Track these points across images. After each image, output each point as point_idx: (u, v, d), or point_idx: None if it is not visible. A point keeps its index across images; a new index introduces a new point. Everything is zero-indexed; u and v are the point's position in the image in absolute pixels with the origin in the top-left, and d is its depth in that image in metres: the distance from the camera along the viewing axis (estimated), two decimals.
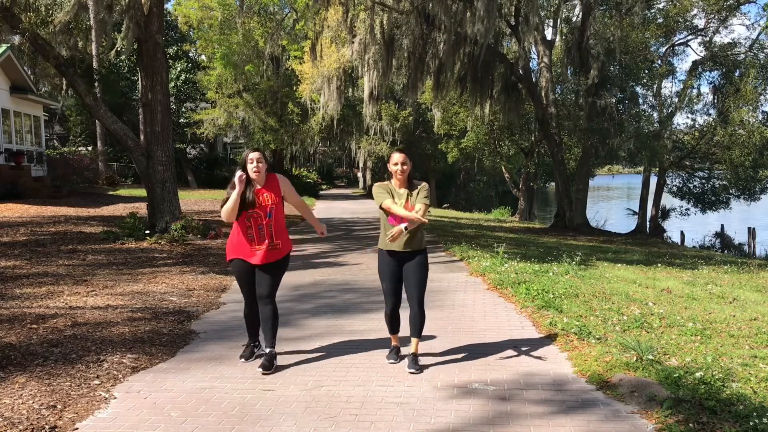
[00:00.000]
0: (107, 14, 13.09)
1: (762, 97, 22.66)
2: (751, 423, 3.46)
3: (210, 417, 3.78)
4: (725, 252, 22.96)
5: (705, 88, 48.90)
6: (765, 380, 4.24)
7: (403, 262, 4.67)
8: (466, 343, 5.29)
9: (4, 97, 20.77)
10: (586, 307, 6.44)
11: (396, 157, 4.59)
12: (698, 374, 4.15)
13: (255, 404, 3.97)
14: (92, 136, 30.24)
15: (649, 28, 22.39)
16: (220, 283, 8.06)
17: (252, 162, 4.59)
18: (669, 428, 3.51)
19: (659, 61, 24.50)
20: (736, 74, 23.00)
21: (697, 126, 24.65)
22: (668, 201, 26.97)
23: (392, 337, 4.92)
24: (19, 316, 6.02)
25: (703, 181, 25.65)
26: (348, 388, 4.25)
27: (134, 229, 11.73)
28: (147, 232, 11.77)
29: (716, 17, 23.65)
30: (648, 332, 5.49)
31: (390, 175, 4.70)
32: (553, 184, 26.80)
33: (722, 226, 25.70)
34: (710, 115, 24.29)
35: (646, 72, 22.80)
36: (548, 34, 22.63)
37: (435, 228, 16.01)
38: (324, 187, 45.51)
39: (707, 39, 24.22)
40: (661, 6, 23.63)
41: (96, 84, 24.54)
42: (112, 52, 18.27)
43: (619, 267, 10.19)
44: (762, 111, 23.13)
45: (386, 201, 4.56)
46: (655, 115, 24.13)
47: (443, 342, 5.35)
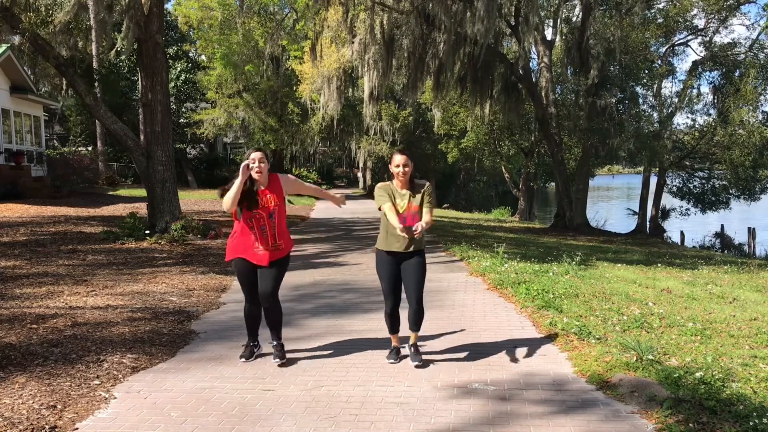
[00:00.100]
0: (107, 14, 13.09)
1: (762, 97, 22.67)
2: (751, 423, 3.46)
3: (210, 417, 3.78)
4: (725, 252, 22.96)
5: (705, 88, 48.98)
6: (765, 380, 4.24)
7: (402, 261, 4.68)
8: (466, 343, 5.29)
9: (4, 97, 20.77)
10: (586, 307, 6.44)
11: (397, 159, 4.59)
12: (698, 374, 4.15)
13: (255, 404, 3.97)
14: (92, 136, 30.24)
15: (649, 28, 22.38)
16: (220, 283, 8.06)
17: (254, 162, 4.59)
18: (669, 428, 3.50)
19: (659, 61, 24.49)
20: (736, 74, 23.00)
21: (697, 126, 24.66)
22: (668, 201, 26.97)
23: (392, 337, 4.92)
24: (19, 316, 6.02)
25: (703, 181, 25.64)
26: (348, 388, 4.25)
27: (134, 229, 11.73)
28: (147, 232, 11.77)
29: (716, 17, 23.65)
30: (648, 332, 5.49)
31: (391, 176, 4.70)
32: (553, 184, 26.80)
33: (722, 226, 25.70)
34: (710, 115, 24.31)
35: (646, 72, 22.79)
36: (548, 34, 22.66)
37: (435, 228, 16.02)
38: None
39: (707, 39, 24.22)
40: (661, 6, 23.63)
41: (96, 84, 24.54)
42: (112, 52, 18.27)
43: (619, 267, 10.19)
44: (762, 111, 23.14)
45: (385, 205, 4.56)
46: (655, 115, 24.15)
47: (443, 342, 5.35)
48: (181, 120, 32.53)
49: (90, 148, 29.96)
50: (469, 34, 16.23)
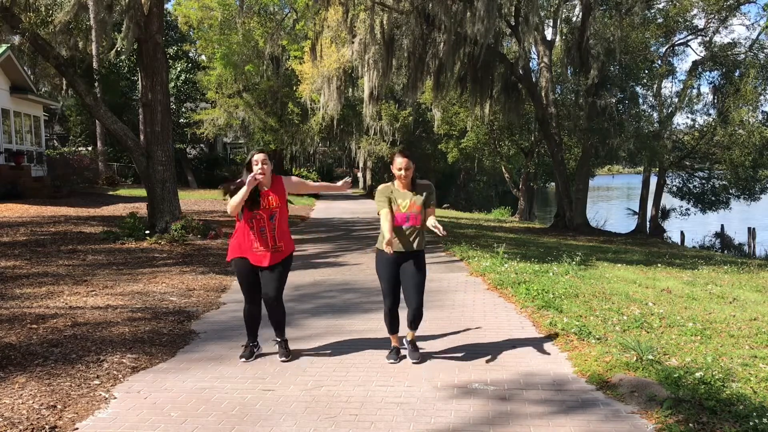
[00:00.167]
0: (107, 14, 13.09)
1: (762, 97, 22.65)
2: (751, 423, 3.46)
3: (210, 417, 3.78)
4: (725, 252, 22.96)
5: (705, 88, 48.96)
6: (765, 380, 4.24)
7: (402, 262, 4.68)
8: (466, 343, 5.29)
9: (4, 97, 20.77)
10: (586, 307, 6.44)
11: (399, 162, 4.58)
12: (698, 374, 4.15)
13: (255, 404, 3.98)
14: (92, 136, 30.24)
15: (649, 28, 22.37)
16: (220, 283, 8.06)
17: (257, 164, 4.60)
18: (669, 428, 3.50)
19: (659, 61, 24.49)
20: (736, 74, 22.99)
21: (697, 126, 24.65)
22: (668, 201, 26.96)
23: (392, 338, 4.93)
24: (19, 316, 6.02)
25: (703, 181, 25.63)
26: (348, 388, 4.25)
27: (134, 229, 11.73)
28: (147, 232, 11.77)
29: (716, 17, 23.65)
30: (648, 332, 5.49)
31: (392, 176, 4.71)
32: (553, 184, 26.79)
33: (722, 226, 25.69)
34: (710, 115, 24.30)
35: (646, 72, 22.79)
36: (548, 34, 22.66)
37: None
38: None
39: (707, 39, 24.21)
40: (661, 6, 23.62)
41: (96, 84, 24.54)
42: (112, 52, 18.27)
43: (619, 267, 10.19)
44: (762, 111, 23.13)
45: (382, 211, 4.60)
46: (655, 115, 24.14)
47: (443, 342, 5.35)
48: (181, 120, 32.52)
49: (90, 148, 29.95)
50: (469, 34, 16.22)
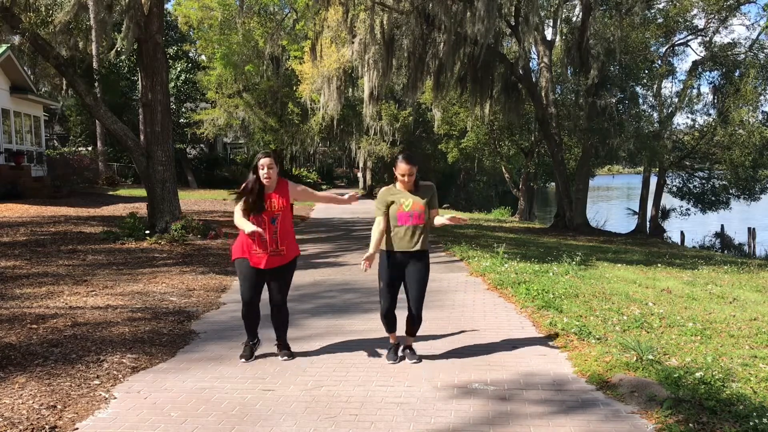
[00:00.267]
0: (107, 14, 13.09)
1: (762, 97, 22.63)
2: (751, 423, 3.46)
3: (210, 417, 3.78)
4: (725, 252, 22.95)
5: (705, 88, 48.88)
6: (765, 380, 4.24)
7: (407, 262, 4.68)
8: (466, 343, 5.29)
9: (4, 97, 20.77)
10: (586, 307, 6.44)
11: (403, 168, 4.60)
12: (698, 374, 4.15)
13: (255, 404, 3.97)
14: (92, 136, 30.24)
15: (649, 28, 22.36)
16: (220, 283, 8.06)
17: (263, 168, 4.60)
18: (669, 428, 3.50)
19: (659, 61, 24.47)
20: (736, 74, 22.97)
21: (697, 126, 24.63)
22: (668, 201, 26.95)
23: (390, 336, 4.94)
24: (19, 316, 6.02)
25: (703, 181, 25.62)
26: (348, 388, 4.25)
27: (134, 229, 11.73)
28: (147, 232, 11.77)
29: (716, 17, 23.63)
30: (648, 332, 5.49)
31: (393, 178, 4.74)
32: (553, 184, 26.78)
33: (722, 226, 25.69)
34: (710, 115, 24.28)
35: (646, 72, 22.77)
36: (548, 34, 22.65)
37: (435, 228, 16.01)
38: (324, 187, 45.46)
39: (707, 39, 24.19)
40: (661, 6, 23.61)
41: (96, 84, 24.54)
42: (112, 52, 18.27)
43: (619, 267, 10.19)
44: (762, 111, 23.10)
45: (377, 219, 4.71)
46: (655, 115, 24.12)
47: (443, 342, 5.35)
48: (181, 120, 32.52)
49: (90, 148, 29.95)
50: (469, 34, 16.22)
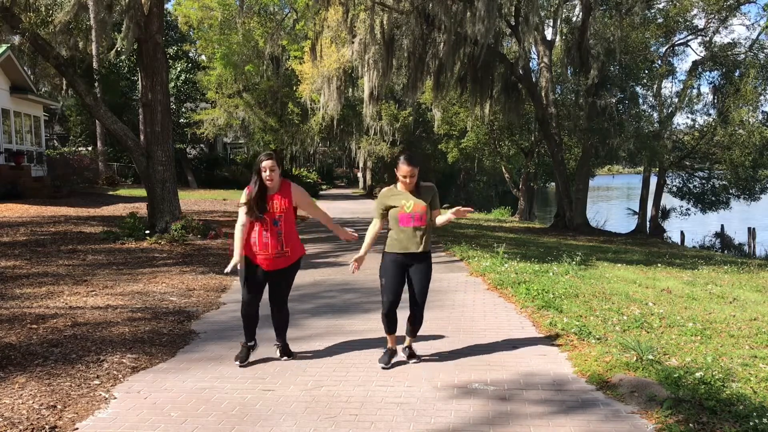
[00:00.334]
0: (107, 14, 13.09)
1: (762, 97, 22.62)
2: (751, 423, 3.46)
3: (210, 417, 3.78)
4: (725, 252, 22.95)
5: (705, 88, 48.89)
6: (765, 380, 4.24)
7: (409, 264, 4.68)
8: (466, 343, 5.29)
9: (4, 97, 20.77)
10: (586, 307, 6.44)
11: (405, 170, 4.60)
12: (698, 374, 4.15)
13: (255, 404, 3.97)
14: (92, 136, 30.25)
15: (649, 28, 22.36)
16: (220, 283, 8.06)
17: (265, 171, 4.59)
18: (669, 428, 3.50)
19: (659, 61, 24.47)
20: (736, 74, 22.97)
21: (697, 126, 24.62)
22: (668, 201, 26.95)
23: (389, 338, 4.82)
24: (19, 316, 6.02)
25: (703, 181, 25.62)
26: (348, 388, 4.25)
27: (134, 229, 11.73)
28: (147, 232, 11.77)
29: (716, 17, 23.63)
30: (648, 332, 5.49)
31: (392, 177, 4.76)
32: (553, 184, 26.77)
33: (722, 226, 25.69)
34: (710, 115, 24.27)
35: (646, 72, 22.76)
36: (548, 34, 22.65)
37: (435, 228, 16.01)
38: (324, 187, 45.51)
39: (707, 39, 24.19)
40: (661, 6, 23.60)
41: (96, 84, 24.55)
42: (112, 52, 18.28)
43: (619, 267, 10.19)
44: (762, 111, 23.09)
45: (375, 220, 4.78)
46: (655, 115, 24.11)
47: (443, 342, 5.35)
48: (181, 120, 32.52)
49: (90, 148, 29.95)
50: (469, 34, 16.22)
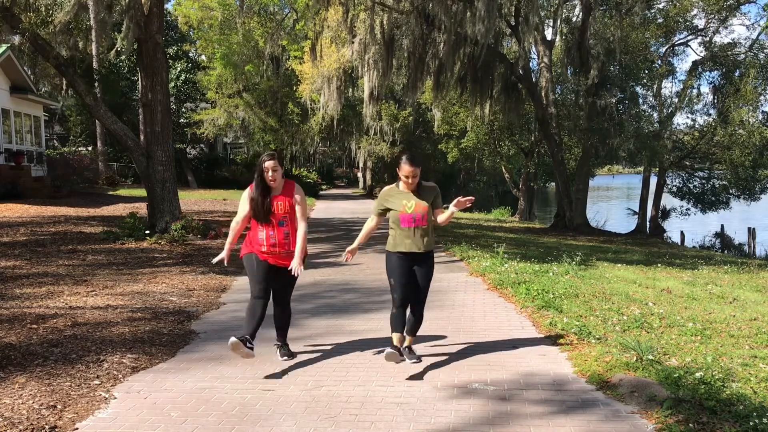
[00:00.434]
0: (107, 14, 13.09)
1: (762, 97, 22.64)
2: (751, 423, 3.46)
3: (210, 417, 3.78)
4: (725, 252, 22.95)
5: (705, 88, 48.87)
6: (765, 380, 4.24)
7: (412, 263, 4.68)
8: (466, 343, 5.28)
9: (4, 97, 20.77)
10: (586, 307, 6.44)
11: (407, 170, 4.62)
12: (698, 374, 4.15)
13: (255, 404, 3.97)
14: (92, 136, 30.24)
15: (649, 28, 22.36)
16: (220, 283, 8.06)
17: (267, 171, 4.59)
18: (669, 428, 3.50)
19: (659, 61, 24.48)
20: (736, 74, 22.98)
21: (697, 126, 24.64)
22: (668, 201, 26.95)
23: (395, 336, 4.66)
24: (19, 316, 6.02)
25: (703, 181, 25.62)
26: (348, 388, 4.25)
27: (134, 229, 11.73)
28: (147, 232, 11.77)
29: (716, 17, 23.64)
30: (648, 332, 5.49)
31: (392, 177, 4.77)
32: (553, 184, 26.78)
33: (722, 226, 25.69)
34: (710, 115, 24.29)
35: (646, 72, 22.78)
36: (548, 34, 22.65)
37: (435, 228, 16.01)
38: (324, 187, 45.50)
39: (707, 39, 24.20)
40: (661, 6, 23.62)
41: (96, 84, 24.54)
42: (112, 52, 18.29)
43: (619, 267, 10.19)
44: (762, 111, 23.11)
45: (372, 216, 4.83)
46: (655, 115, 24.13)
47: (443, 342, 5.35)
48: (181, 120, 32.51)
49: (90, 148, 29.95)
50: (469, 34, 16.23)
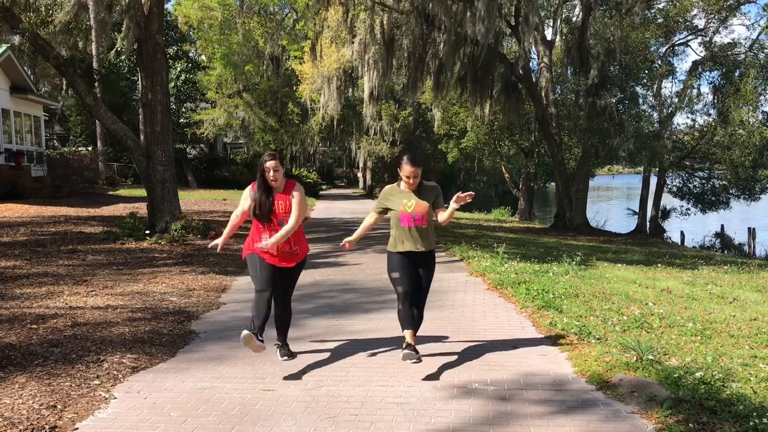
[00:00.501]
0: (107, 14, 13.09)
1: (762, 97, 22.65)
2: (751, 423, 3.46)
3: (210, 417, 3.78)
4: (725, 252, 22.95)
5: (705, 88, 48.87)
6: (765, 380, 4.23)
7: (415, 262, 4.68)
8: (466, 343, 5.28)
9: (4, 97, 20.77)
10: (586, 307, 6.43)
11: (408, 171, 4.64)
12: (698, 374, 4.15)
13: (255, 404, 3.97)
14: (92, 136, 30.24)
15: (649, 28, 22.37)
16: (220, 283, 8.06)
17: (269, 171, 4.60)
18: (669, 428, 3.50)
19: (659, 61, 24.48)
20: (736, 74, 22.98)
21: (697, 126, 24.64)
22: (668, 201, 26.95)
23: (406, 333, 4.58)
24: (19, 316, 6.02)
25: (703, 181, 25.63)
26: (348, 388, 4.25)
27: (134, 229, 11.73)
28: (147, 232, 11.77)
29: (716, 17, 23.64)
30: (648, 332, 5.49)
31: (393, 177, 4.77)
32: (553, 184, 26.79)
33: (722, 226, 25.69)
34: (710, 115, 24.30)
35: (646, 72, 22.78)
36: (548, 34, 22.66)
37: (435, 228, 16.01)
38: (324, 187, 45.50)
39: (707, 39, 24.21)
40: (661, 6, 23.62)
41: (96, 84, 24.54)
42: (112, 52, 18.30)
43: (619, 267, 10.18)
44: (762, 111, 23.12)
45: (371, 213, 4.88)
46: (655, 115, 24.13)
47: (443, 342, 5.34)
48: (181, 120, 32.52)
49: (90, 148, 29.95)
50: (470, 34, 16.23)
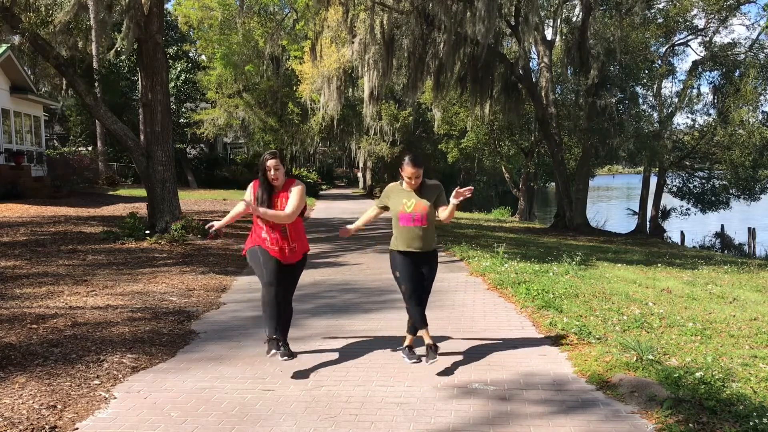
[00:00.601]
0: (107, 14, 13.10)
1: (762, 97, 22.65)
2: (751, 423, 3.46)
3: (210, 417, 3.78)
4: (725, 252, 22.95)
5: (705, 88, 48.89)
6: (765, 380, 4.23)
7: (416, 261, 4.68)
8: (466, 343, 5.28)
9: (4, 97, 20.77)
10: (586, 307, 6.43)
11: (409, 171, 4.64)
12: (698, 374, 4.15)
13: (255, 404, 3.97)
14: (92, 136, 30.25)
15: (649, 28, 22.37)
16: (220, 283, 8.06)
17: (270, 170, 4.61)
18: (669, 428, 3.50)
19: (659, 61, 24.49)
20: (736, 74, 22.99)
21: (697, 126, 24.65)
22: (668, 201, 26.96)
23: (422, 333, 4.61)
24: (19, 316, 6.02)
25: (703, 181, 25.63)
26: (348, 388, 4.25)
27: (134, 229, 11.72)
28: (147, 232, 11.77)
29: (716, 17, 23.65)
30: (648, 332, 5.49)
31: (393, 176, 4.77)
32: (553, 184, 26.79)
33: (722, 226, 25.69)
34: (710, 115, 24.30)
35: (646, 72, 22.78)
36: (548, 34, 22.67)
37: (435, 228, 16.00)
38: (324, 187, 45.49)
39: (707, 39, 24.22)
40: (661, 6, 23.63)
41: (96, 84, 24.55)
42: (112, 52, 18.30)
43: (619, 267, 10.18)
44: (762, 111, 23.12)
45: (374, 206, 4.97)
46: (655, 115, 24.13)
47: (443, 342, 5.33)
48: (181, 120, 32.52)
49: (90, 148, 29.95)
50: (470, 34, 16.24)
